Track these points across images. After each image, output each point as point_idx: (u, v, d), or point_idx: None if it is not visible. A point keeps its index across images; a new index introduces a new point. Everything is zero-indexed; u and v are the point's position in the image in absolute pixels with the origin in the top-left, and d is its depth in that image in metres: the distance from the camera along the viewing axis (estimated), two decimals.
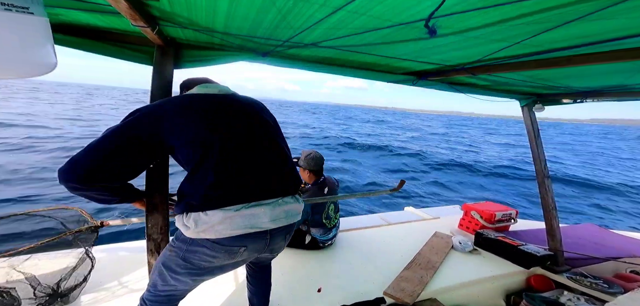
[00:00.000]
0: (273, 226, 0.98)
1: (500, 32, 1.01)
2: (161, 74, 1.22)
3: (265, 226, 0.96)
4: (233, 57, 1.39)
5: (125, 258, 2.11)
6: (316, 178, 2.28)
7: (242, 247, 0.95)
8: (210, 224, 0.89)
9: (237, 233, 0.91)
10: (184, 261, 0.95)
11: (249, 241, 0.95)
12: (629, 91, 1.84)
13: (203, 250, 0.93)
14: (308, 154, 2.26)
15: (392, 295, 1.78)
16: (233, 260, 0.98)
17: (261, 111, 1.13)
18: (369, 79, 1.80)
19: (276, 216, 0.99)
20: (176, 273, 0.97)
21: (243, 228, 0.92)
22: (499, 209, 2.88)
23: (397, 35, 1.09)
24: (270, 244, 1.03)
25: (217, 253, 0.94)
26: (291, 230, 1.10)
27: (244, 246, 0.95)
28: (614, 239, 2.89)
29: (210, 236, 0.90)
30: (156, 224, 1.22)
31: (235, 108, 1.04)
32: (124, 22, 1.06)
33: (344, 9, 0.86)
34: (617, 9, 0.76)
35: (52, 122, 14.70)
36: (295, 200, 1.08)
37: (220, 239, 0.91)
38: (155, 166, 1.20)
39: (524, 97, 2.33)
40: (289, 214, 1.03)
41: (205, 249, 0.93)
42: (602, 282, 2.02)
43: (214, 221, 0.89)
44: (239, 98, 1.10)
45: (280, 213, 1.00)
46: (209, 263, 0.96)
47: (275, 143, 1.09)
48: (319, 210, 2.23)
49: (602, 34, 0.97)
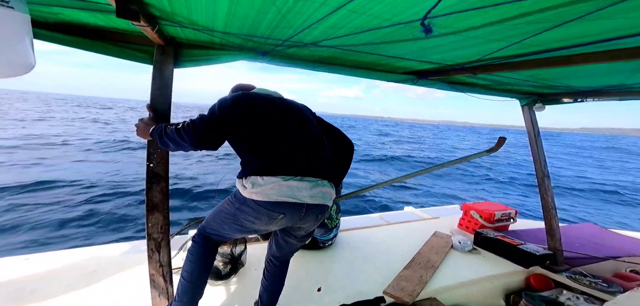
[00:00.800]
0: (310, 201, 1.14)
1: (500, 32, 1.01)
2: (161, 73, 1.22)
3: (304, 200, 1.13)
4: (233, 57, 1.39)
5: (126, 258, 2.12)
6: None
7: (281, 214, 1.12)
8: (263, 186, 1.08)
9: (281, 199, 1.09)
10: (233, 216, 1.18)
11: (288, 210, 1.12)
12: (629, 90, 1.84)
13: (249, 211, 1.13)
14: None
15: (391, 294, 1.78)
16: (271, 225, 1.17)
17: (305, 109, 1.37)
18: (369, 79, 1.80)
19: (314, 194, 1.15)
20: (224, 222, 1.21)
21: (286, 196, 1.09)
22: (498, 209, 2.89)
23: (396, 34, 1.09)
24: (304, 218, 1.18)
25: (260, 215, 1.13)
26: (323, 212, 1.24)
27: (283, 214, 1.12)
28: (613, 239, 2.89)
29: (259, 198, 1.09)
30: (156, 224, 1.23)
31: (287, 105, 1.30)
32: (124, 22, 1.05)
33: (343, 8, 0.86)
34: (616, 9, 0.76)
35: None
36: (330, 186, 1.24)
37: (265, 203, 1.09)
38: (155, 166, 1.20)
39: (524, 96, 2.33)
40: (324, 196, 1.19)
41: (251, 211, 1.12)
42: (602, 281, 2.02)
43: (267, 185, 1.09)
44: (288, 100, 1.35)
45: (317, 193, 1.16)
46: (250, 223, 1.16)
47: (317, 135, 1.30)
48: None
49: (601, 34, 0.98)
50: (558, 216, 2.41)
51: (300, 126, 1.25)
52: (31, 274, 1.83)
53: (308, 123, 1.29)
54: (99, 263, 2.00)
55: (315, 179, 1.17)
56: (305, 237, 1.35)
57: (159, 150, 1.22)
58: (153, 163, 1.21)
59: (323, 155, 1.25)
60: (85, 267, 1.95)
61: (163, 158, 1.24)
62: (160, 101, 1.22)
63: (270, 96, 1.30)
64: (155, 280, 1.26)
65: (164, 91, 1.23)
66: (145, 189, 1.21)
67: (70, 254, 2.12)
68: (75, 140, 12.52)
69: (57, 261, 2.00)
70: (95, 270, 1.91)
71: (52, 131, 14.93)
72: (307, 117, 1.32)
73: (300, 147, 1.19)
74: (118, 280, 1.82)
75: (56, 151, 10.26)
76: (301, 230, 1.28)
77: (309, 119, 1.32)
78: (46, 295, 1.64)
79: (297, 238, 1.34)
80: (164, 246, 1.24)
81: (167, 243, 1.25)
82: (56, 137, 12.99)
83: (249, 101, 1.20)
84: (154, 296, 1.27)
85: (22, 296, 1.63)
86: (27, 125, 17.08)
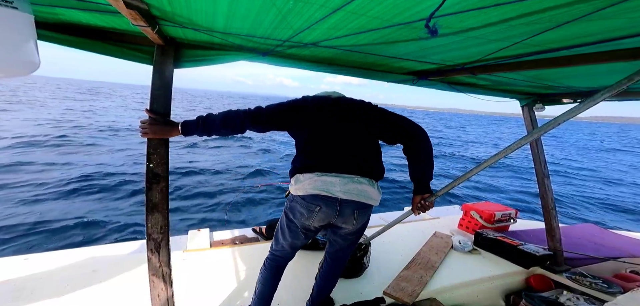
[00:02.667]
0: (343, 196, 1.20)
1: (500, 32, 1.01)
2: (161, 74, 1.22)
3: (336, 194, 1.20)
4: (233, 57, 1.39)
5: (126, 258, 2.12)
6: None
7: (317, 206, 1.22)
8: (302, 182, 1.22)
9: (315, 192, 1.20)
10: (286, 217, 1.33)
11: (323, 203, 1.21)
12: (629, 91, 1.84)
13: (295, 206, 1.27)
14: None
15: (392, 294, 1.78)
16: (312, 218, 1.26)
17: (358, 107, 1.37)
18: (368, 79, 1.80)
19: (348, 190, 1.21)
20: (283, 230, 1.35)
21: (319, 190, 1.20)
22: (498, 209, 2.89)
23: (396, 35, 1.09)
24: (340, 213, 1.24)
25: (302, 208, 1.25)
26: (361, 208, 1.27)
27: (319, 206, 1.22)
28: (613, 239, 2.89)
29: (301, 193, 1.23)
30: (156, 224, 1.22)
31: (337, 106, 1.35)
32: (124, 22, 1.05)
33: (343, 10, 0.86)
34: (616, 9, 0.76)
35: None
36: (370, 184, 1.26)
37: (305, 196, 1.22)
38: (155, 166, 1.20)
39: (524, 97, 2.33)
40: (360, 193, 1.23)
41: (298, 205, 1.26)
42: (602, 282, 2.02)
43: (305, 181, 1.22)
44: (343, 99, 1.39)
45: (352, 188, 1.21)
46: (299, 217, 1.27)
47: (359, 133, 1.33)
48: None
49: (601, 34, 0.98)
50: (558, 216, 2.41)
51: (342, 125, 1.30)
52: (31, 274, 1.83)
53: (353, 122, 1.32)
54: (99, 263, 2.00)
55: (350, 175, 1.22)
56: (350, 236, 1.38)
57: (159, 150, 1.22)
58: (153, 163, 1.21)
59: (363, 152, 1.29)
60: (85, 267, 1.95)
61: (163, 158, 1.24)
62: (160, 101, 1.22)
63: (326, 97, 1.39)
64: (155, 280, 1.25)
65: (164, 91, 1.22)
66: (145, 189, 1.20)
67: (70, 254, 2.12)
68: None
69: (57, 261, 2.00)
70: (95, 270, 1.91)
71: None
72: (355, 116, 1.34)
73: (337, 146, 1.26)
74: (118, 280, 1.82)
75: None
76: (344, 229, 1.33)
77: (357, 118, 1.34)
78: (46, 295, 1.64)
79: (342, 238, 1.39)
80: (163, 246, 1.24)
81: (167, 243, 1.24)
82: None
83: (316, 105, 1.34)
84: (154, 296, 1.27)
85: (22, 296, 1.63)
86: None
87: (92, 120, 16.62)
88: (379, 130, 1.36)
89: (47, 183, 6.18)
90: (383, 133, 1.36)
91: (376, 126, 1.35)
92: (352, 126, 1.32)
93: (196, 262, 2.09)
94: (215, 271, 1.98)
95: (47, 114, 17.31)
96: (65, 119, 16.00)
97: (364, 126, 1.34)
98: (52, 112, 18.15)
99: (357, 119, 1.34)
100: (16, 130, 11.07)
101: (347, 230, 1.33)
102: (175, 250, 2.20)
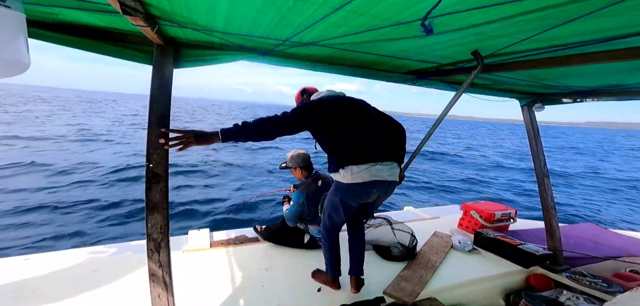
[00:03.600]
0: (389, 179, 1.56)
1: (500, 31, 1.01)
2: (161, 74, 1.21)
3: (385, 178, 1.54)
4: (233, 57, 1.39)
5: (126, 258, 2.11)
6: (308, 173, 2.32)
7: (375, 188, 1.54)
8: (359, 172, 1.49)
9: (373, 179, 1.50)
10: (341, 201, 1.59)
11: (378, 186, 1.55)
12: (628, 90, 1.84)
13: (353, 193, 1.55)
14: (293, 155, 2.31)
15: (392, 294, 1.78)
16: (370, 197, 1.58)
17: (367, 105, 1.70)
18: (368, 79, 1.80)
19: (390, 173, 1.57)
20: (337, 211, 1.64)
21: (375, 177, 1.51)
22: (498, 209, 2.89)
23: (395, 34, 1.09)
24: (386, 190, 1.62)
25: (361, 193, 1.55)
26: (394, 185, 1.65)
27: (375, 189, 1.55)
28: (613, 239, 2.89)
29: (359, 180, 1.49)
30: (156, 224, 1.22)
31: (356, 104, 1.65)
32: (123, 22, 1.05)
33: (343, 9, 0.87)
34: (616, 9, 0.76)
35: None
36: (397, 166, 1.65)
37: (364, 183, 1.50)
38: (155, 166, 1.20)
39: (523, 96, 2.33)
40: (394, 174, 1.60)
41: (354, 192, 1.54)
42: (601, 281, 2.02)
43: (361, 171, 1.49)
44: (353, 98, 1.68)
45: (392, 173, 1.58)
46: (357, 199, 1.58)
47: (385, 126, 1.70)
48: (315, 201, 2.25)
49: (601, 33, 0.98)
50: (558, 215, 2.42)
51: (373, 122, 1.64)
52: (31, 274, 1.83)
53: (375, 118, 1.66)
54: (99, 263, 2.00)
55: (389, 162, 1.58)
56: (378, 206, 1.78)
57: (159, 150, 1.22)
58: (153, 163, 1.21)
59: (391, 142, 1.68)
60: (85, 267, 1.95)
61: (163, 158, 1.23)
62: (160, 101, 1.21)
63: (349, 98, 1.66)
64: (155, 280, 1.25)
65: (164, 91, 1.22)
66: (145, 189, 1.20)
67: (70, 254, 2.12)
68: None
69: (57, 261, 1.99)
70: (95, 270, 1.91)
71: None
72: (373, 113, 1.67)
73: (376, 139, 1.59)
74: (118, 279, 1.82)
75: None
76: (379, 201, 1.70)
77: (374, 114, 1.68)
78: (46, 295, 1.64)
79: (374, 208, 1.81)
80: (163, 246, 1.24)
81: (166, 243, 1.24)
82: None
83: (333, 104, 1.58)
84: (154, 296, 1.27)
85: (22, 296, 1.63)
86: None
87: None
88: (384, 122, 1.71)
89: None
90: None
91: (381, 118, 1.71)
92: (377, 121, 1.66)
93: (196, 262, 2.09)
94: (215, 271, 1.98)
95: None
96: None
97: (380, 121, 1.68)
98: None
99: (375, 116, 1.67)
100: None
101: (380, 202, 1.71)
102: (175, 250, 2.19)
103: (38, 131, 13.15)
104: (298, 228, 2.34)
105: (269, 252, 2.28)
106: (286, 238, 2.36)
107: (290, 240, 2.35)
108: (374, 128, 1.62)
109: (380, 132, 1.64)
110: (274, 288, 1.82)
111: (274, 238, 2.40)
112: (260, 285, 1.84)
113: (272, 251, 2.30)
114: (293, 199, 2.24)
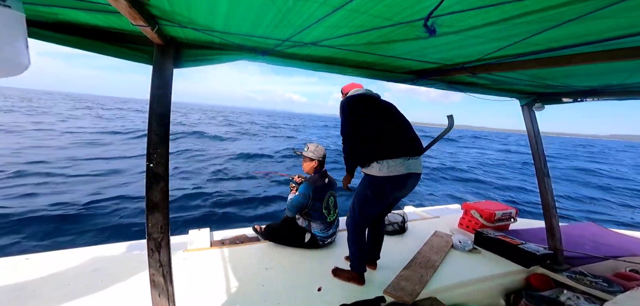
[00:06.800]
0: (417, 171, 1.77)
1: (500, 31, 1.01)
2: (161, 74, 1.21)
3: (415, 171, 1.75)
4: (233, 56, 1.39)
5: (126, 258, 2.12)
6: (319, 168, 2.36)
7: (408, 180, 1.74)
8: (395, 166, 1.69)
9: (407, 172, 1.70)
10: (374, 194, 1.76)
11: (411, 178, 1.75)
12: (629, 90, 1.84)
13: (387, 183, 1.72)
14: (316, 147, 2.37)
15: (392, 293, 1.78)
16: (405, 189, 1.79)
17: (393, 106, 1.92)
18: (369, 79, 1.79)
19: (418, 166, 1.77)
20: (370, 205, 1.79)
21: (408, 170, 1.71)
22: (498, 208, 2.88)
23: (396, 34, 1.09)
24: (417, 182, 1.84)
25: (395, 185, 1.73)
26: (420, 177, 1.84)
27: (409, 180, 1.74)
28: (613, 238, 2.89)
29: (394, 173, 1.69)
30: (156, 224, 1.22)
31: (389, 105, 1.90)
32: (123, 21, 1.05)
33: (344, 8, 0.86)
34: (616, 8, 0.76)
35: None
36: (421, 160, 1.84)
37: (397, 176, 1.69)
38: (155, 166, 1.20)
39: (523, 96, 2.32)
40: (420, 167, 1.81)
41: (389, 183, 1.72)
42: (602, 281, 2.02)
43: (396, 164, 1.69)
44: (385, 100, 1.93)
45: (419, 166, 1.79)
46: (391, 191, 1.77)
47: (408, 125, 1.88)
48: (320, 197, 2.26)
49: (601, 33, 0.97)
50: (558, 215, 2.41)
51: (403, 120, 1.86)
52: (31, 274, 1.83)
53: (404, 117, 1.88)
54: (99, 263, 2.01)
55: (417, 156, 1.78)
56: (404, 196, 1.94)
57: (159, 150, 1.22)
58: (153, 163, 1.21)
59: (416, 138, 1.85)
60: (86, 267, 1.95)
61: (163, 158, 1.23)
62: (160, 101, 1.21)
63: (371, 97, 1.88)
64: (155, 280, 1.25)
65: (164, 91, 1.22)
66: (145, 189, 1.20)
67: (70, 254, 2.12)
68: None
69: (57, 261, 2.00)
70: (96, 270, 1.91)
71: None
72: (401, 114, 1.90)
73: (407, 136, 1.79)
74: (118, 279, 1.82)
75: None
76: (407, 191, 1.84)
77: (402, 115, 1.90)
78: (47, 295, 1.64)
79: (399, 199, 1.96)
80: (164, 246, 1.24)
81: (167, 243, 1.24)
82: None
83: (369, 103, 1.83)
84: (154, 296, 1.27)
85: (22, 296, 1.63)
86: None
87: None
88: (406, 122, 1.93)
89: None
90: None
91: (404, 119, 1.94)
92: (405, 120, 1.87)
93: (196, 262, 2.09)
94: (215, 270, 1.98)
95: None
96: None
97: (403, 117, 1.90)
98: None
99: (403, 115, 1.90)
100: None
101: (408, 192, 1.86)
102: (176, 250, 2.20)
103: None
104: (299, 227, 2.35)
105: (269, 251, 2.28)
106: (287, 237, 2.36)
107: (291, 239, 2.35)
108: (405, 126, 1.83)
109: (407, 129, 1.85)
110: (274, 288, 1.82)
111: (274, 236, 2.40)
112: (261, 285, 1.84)
113: (273, 250, 2.31)
114: (300, 190, 2.27)
